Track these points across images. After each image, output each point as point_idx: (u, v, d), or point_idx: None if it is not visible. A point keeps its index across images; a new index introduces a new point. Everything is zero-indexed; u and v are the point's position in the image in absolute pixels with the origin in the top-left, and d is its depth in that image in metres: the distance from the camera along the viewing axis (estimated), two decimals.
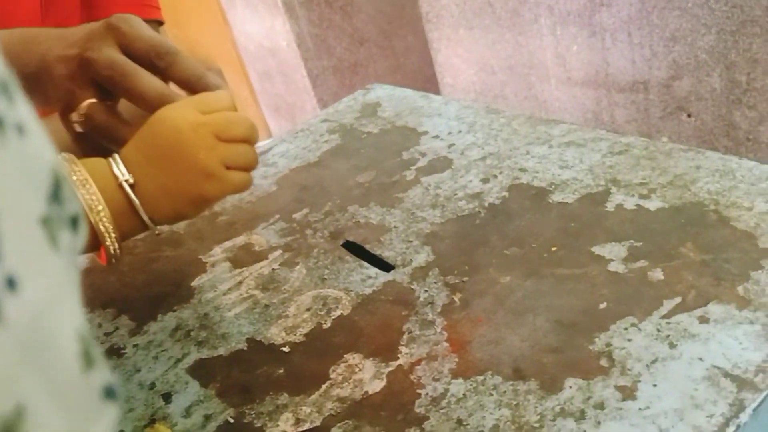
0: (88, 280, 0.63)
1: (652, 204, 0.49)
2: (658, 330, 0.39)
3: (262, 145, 0.82)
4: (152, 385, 0.49)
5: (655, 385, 0.36)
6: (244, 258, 0.60)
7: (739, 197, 0.47)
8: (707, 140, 1.44)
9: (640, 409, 0.35)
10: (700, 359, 0.37)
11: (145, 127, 0.44)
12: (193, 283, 0.59)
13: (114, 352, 0.53)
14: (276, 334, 0.50)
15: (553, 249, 0.48)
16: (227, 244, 0.63)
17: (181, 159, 0.42)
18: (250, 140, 0.45)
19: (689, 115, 1.45)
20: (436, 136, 0.68)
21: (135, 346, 0.53)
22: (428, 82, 2.18)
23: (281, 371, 0.47)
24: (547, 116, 1.77)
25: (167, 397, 0.48)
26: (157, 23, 0.76)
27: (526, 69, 1.77)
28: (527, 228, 0.51)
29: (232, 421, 0.44)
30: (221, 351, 0.50)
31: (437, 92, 2.12)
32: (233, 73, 2.86)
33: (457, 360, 0.42)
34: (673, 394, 0.35)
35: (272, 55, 2.30)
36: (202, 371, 0.49)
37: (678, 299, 0.41)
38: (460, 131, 0.67)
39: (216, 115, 0.44)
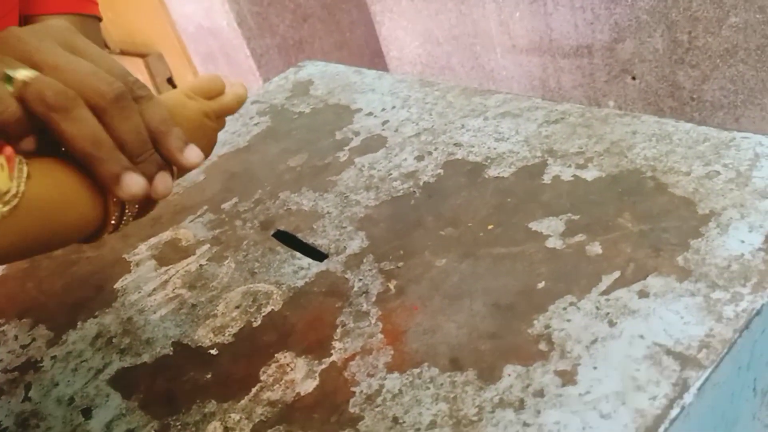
0: (2, 289, 0.59)
1: (589, 174, 0.47)
2: (597, 308, 0.37)
3: None
4: (71, 400, 0.45)
5: (595, 368, 0.34)
6: (170, 255, 0.56)
7: (676, 162, 0.45)
8: (652, 102, 1.44)
9: (580, 394, 0.33)
10: (641, 337, 0.35)
11: None
12: (116, 285, 0.55)
13: (30, 366, 0.49)
14: (203, 336, 0.47)
15: (490, 227, 0.46)
16: (152, 240, 0.59)
17: None
18: None
19: (634, 78, 1.45)
20: (370, 113, 0.65)
21: (53, 358, 0.50)
22: (376, 56, 2.13)
23: (209, 376, 0.44)
24: (495, 86, 1.75)
25: (87, 413, 0.44)
26: (96, 19, 0.71)
27: (471, 38, 1.75)
28: (463, 206, 0.49)
29: None
30: (145, 358, 0.47)
31: (384, 66, 2.07)
32: (175, 56, 2.76)
33: (392, 353, 0.40)
34: (614, 377, 0.33)
35: (213, 36, 2.22)
36: (124, 382, 0.46)
37: (617, 274, 0.39)
38: (394, 107, 0.64)
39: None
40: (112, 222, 0.36)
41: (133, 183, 0.34)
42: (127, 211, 0.37)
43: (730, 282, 0.36)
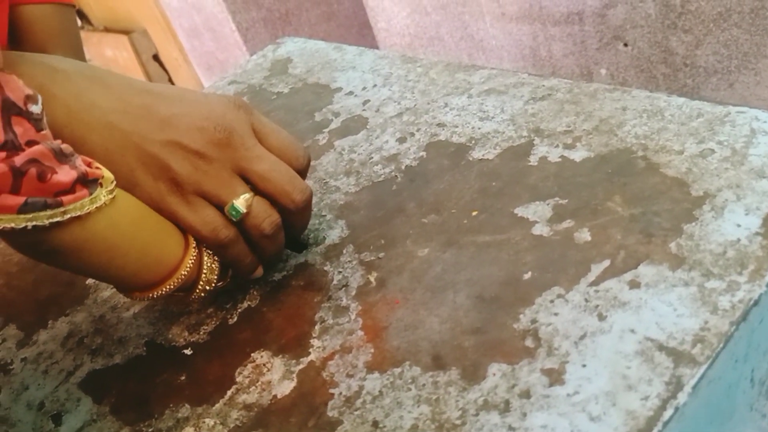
0: None
1: (577, 154, 0.45)
2: (586, 300, 0.35)
3: None
4: (41, 405, 0.44)
5: (584, 366, 0.32)
6: None
7: (668, 140, 0.43)
8: (645, 69, 1.41)
9: (568, 395, 0.31)
10: (632, 331, 0.33)
11: None
12: (87, 281, 0.53)
13: (0, 369, 0.48)
14: (178, 335, 0.45)
15: (474, 213, 0.44)
16: None
17: None
18: None
19: (626, 44, 1.41)
20: (350, 93, 0.62)
21: (23, 359, 0.48)
22: (364, 28, 2.08)
23: (183, 378, 0.42)
24: (485, 56, 1.71)
25: (57, 419, 0.42)
26: (72, 7, 0.71)
27: (460, 7, 1.70)
28: (446, 191, 0.46)
29: None
30: (117, 359, 0.45)
31: (373, 38, 2.03)
32: (159, 31, 2.70)
33: (372, 351, 0.38)
34: (604, 375, 0.32)
35: (197, 10, 2.17)
36: (95, 385, 0.44)
37: (606, 262, 0.37)
38: (375, 85, 0.62)
39: None
40: (183, 273, 0.40)
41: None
42: (204, 269, 0.41)
43: (725, 270, 0.34)
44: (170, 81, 2.87)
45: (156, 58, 2.86)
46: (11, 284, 0.55)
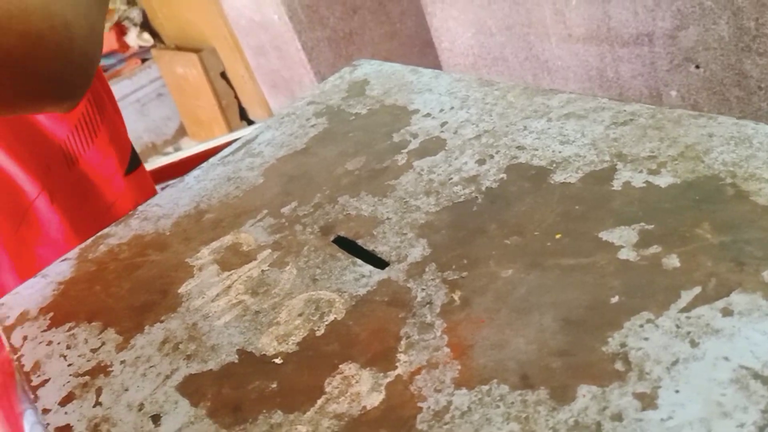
0: (72, 291, 0.60)
1: (663, 180, 0.45)
2: (678, 326, 0.36)
3: (248, 131, 0.78)
4: (141, 406, 0.46)
5: (677, 391, 0.33)
6: (232, 259, 0.57)
7: (758, 168, 0.43)
8: (717, 91, 1.38)
9: (662, 419, 0.32)
10: (726, 359, 0.33)
11: None
12: (180, 290, 0.56)
13: (101, 371, 0.51)
14: (267, 344, 0.47)
15: (557, 236, 0.44)
16: (214, 244, 0.59)
17: None
18: None
19: (697, 66, 1.39)
20: (428, 114, 0.64)
21: (122, 362, 0.51)
22: (426, 47, 2.11)
23: (274, 385, 0.44)
24: (550, 77, 1.71)
25: (156, 419, 0.45)
26: None
27: (525, 28, 1.71)
28: (528, 213, 0.47)
29: None
30: (211, 365, 0.47)
31: (435, 57, 2.05)
32: (227, 50, 2.80)
33: (459, 368, 0.39)
34: (698, 401, 0.32)
35: (264, 29, 2.24)
36: (191, 388, 0.46)
37: (697, 289, 0.37)
38: (452, 107, 0.63)
39: None
40: None
41: None
42: None
43: None
44: (236, 97, 2.97)
45: (223, 75, 2.96)
46: (109, 291, 0.58)
